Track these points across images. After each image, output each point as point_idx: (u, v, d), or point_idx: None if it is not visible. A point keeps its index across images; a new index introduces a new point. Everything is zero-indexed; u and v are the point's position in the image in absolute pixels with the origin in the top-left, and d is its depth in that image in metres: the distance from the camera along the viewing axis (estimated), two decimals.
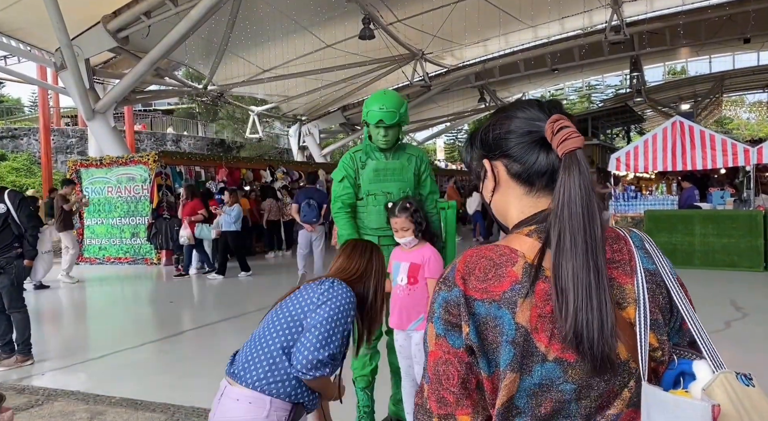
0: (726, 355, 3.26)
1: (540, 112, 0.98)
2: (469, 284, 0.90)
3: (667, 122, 9.86)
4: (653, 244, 0.97)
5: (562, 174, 0.89)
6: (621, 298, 0.88)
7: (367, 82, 18.90)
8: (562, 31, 18.33)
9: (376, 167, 3.15)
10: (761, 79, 26.63)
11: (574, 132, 0.91)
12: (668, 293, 0.91)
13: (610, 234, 0.95)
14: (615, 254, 0.92)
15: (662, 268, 0.93)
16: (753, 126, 40.60)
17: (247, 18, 13.14)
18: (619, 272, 0.90)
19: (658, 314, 0.89)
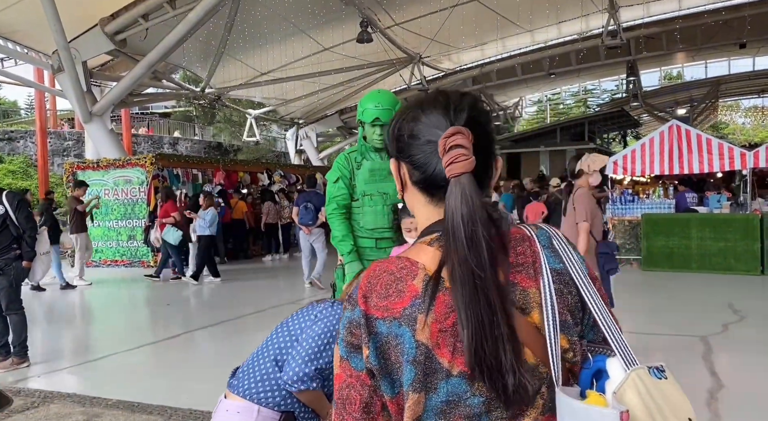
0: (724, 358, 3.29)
1: (443, 118, 0.91)
2: (370, 302, 0.87)
3: (664, 126, 9.90)
4: (563, 240, 0.93)
5: (447, 199, 0.86)
6: (524, 303, 0.86)
7: (364, 86, 18.91)
8: (560, 36, 18.41)
9: (371, 167, 3.14)
10: (756, 84, 26.75)
11: (464, 154, 0.85)
12: (578, 291, 0.88)
13: (515, 235, 0.91)
14: (518, 257, 0.89)
15: (570, 265, 0.89)
16: (748, 131, 40.78)
17: (245, 21, 13.15)
18: (523, 276, 0.87)
19: (567, 315, 0.87)
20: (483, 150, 0.91)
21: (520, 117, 33.20)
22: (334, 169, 3.20)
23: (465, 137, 0.86)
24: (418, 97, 0.98)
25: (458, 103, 0.92)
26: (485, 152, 0.92)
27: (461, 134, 0.86)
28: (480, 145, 0.89)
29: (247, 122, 21.03)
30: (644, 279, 8.84)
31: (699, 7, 15.67)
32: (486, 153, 0.93)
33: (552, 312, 0.84)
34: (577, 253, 0.93)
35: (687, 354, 4.90)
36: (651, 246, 9.35)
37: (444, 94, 0.94)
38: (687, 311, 6.64)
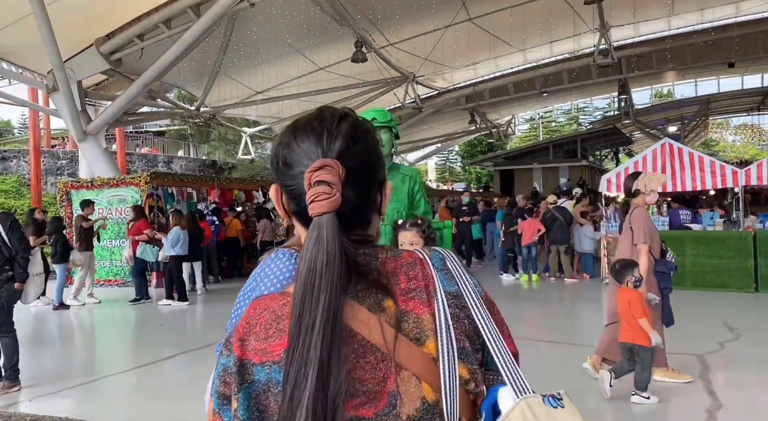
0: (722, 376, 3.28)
1: (315, 147, 0.85)
2: (248, 345, 0.80)
3: (656, 144, 9.98)
4: (456, 261, 0.88)
5: (305, 242, 0.80)
6: (418, 332, 0.79)
7: (359, 104, 19.02)
8: (551, 55, 18.64)
9: None
10: (745, 102, 27.15)
11: (326, 193, 0.79)
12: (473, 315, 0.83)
13: (407, 260, 0.85)
14: (411, 282, 0.83)
15: (464, 288, 0.85)
16: (739, 148, 41.26)
17: (241, 41, 13.25)
18: (416, 302, 0.81)
19: (465, 341, 0.81)
20: (362, 180, 0.86)
21: (513, 135, 33.43)
22: None
23: (332, 172, 0.80)
24: (297, 120, 0.92)
25: (332, 130, 0.86)
26: (365, 182, 0.87)
27: (328, 168, 0.80)
28: (358, 176, 0.84)
29: (242, 140, 21.07)
30: None
31: (688, 27, 15.93)
32: (366, 183, 0.87)
33: (447, 338, 0.79)
34: (470, 275, 0.88)
35: (684, 373, 4.88)
36: None
37: (320, 119, 0.88)
38: (683, 328, 6.61)
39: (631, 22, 15.00)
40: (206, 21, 10.33)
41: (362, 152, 0.87)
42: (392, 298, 0.81)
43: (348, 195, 0.83)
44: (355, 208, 0.86)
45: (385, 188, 0.93)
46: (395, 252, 0.88)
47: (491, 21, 14.47)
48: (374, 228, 0.94)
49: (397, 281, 0.83)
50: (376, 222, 0.94)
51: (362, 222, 0.89)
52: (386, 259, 0.86)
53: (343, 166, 0.82)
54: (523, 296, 9.40)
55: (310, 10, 12.15)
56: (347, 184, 0.83)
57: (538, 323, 7.52)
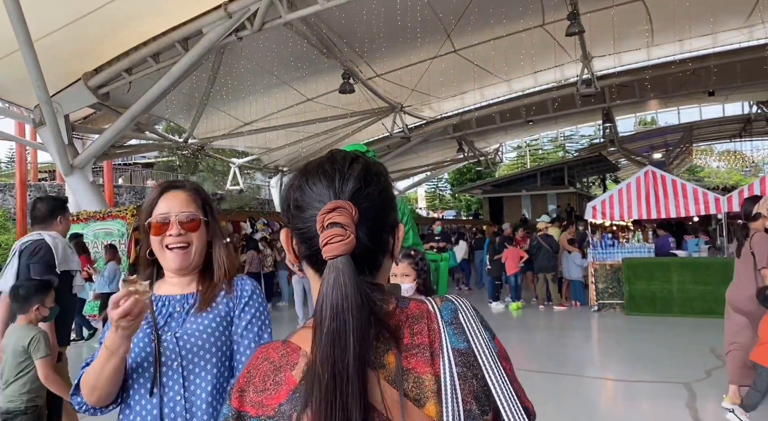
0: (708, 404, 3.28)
1: (327, 190, 0.84)
2: (246, 397, 0.79)
3: (640, 172, 10.13)
4: (470, 312, 0.84)
5: (321, 285, 0.78)
6: (419, 393, 0.75)
7: (347, 134, 19.19)
8: (536, 84, 18.97)
9: None
10: (728, 129, 27.64)
11: (340, 235, 0.77)
12: (483, 374, 0.78)
13: (414, 312, 0.82)
14: (414, 338, 0.79)
15: (476, 343, 0.80)
16: (723, 174, 41.87)
17: (228, 73, 13.38)
18: (417, 360, 0.77)
19: (472, 403, 0.76)
20: (374, 222, 0.84)
21: (500, 162, 33.74)
22: None
23: (345, 213, 0.79)
24: (308, 163, 0.91)
25: (344, 171, 0.85)
26: (378, 225, 0.85)
27: (341, 210, 0.79)
28: (370, 218, 0.83)
29: (231, 171, 21.10)
30: (627, 324, 8.84)
31: (668, 58, 16.30)
32: (378, 226, 0.85)
33: (453, 401, 0.74)
34: (485, 328, 0.83)
35: (671, 401, 4.86)
36: (633, 290, 9.39)
37: (331, 161, 0.87)
38: (670, 356, 6.62)
39: (613, 52, 15.33)
40: (194, 55, 10.45)
41: (375, 194, 0.86)
42: (394, 353, 0.77)
43: (361, 238, 0.81)
44: (367, 251, 0.83)
45: (398, 231, 0.91)
46: (403, 302, 0.84)
47: (476, 52, 14.75)
48: (385, 274, 0.90)
49: (401, 336, 0.79)
50: (387, 267, 0.91)
51: (373, 267, 0.86)
52: (391, 310, 0.82)
53: (356, 207, 0.81)
54: (512, 325, 9.36)
55: (297, 43, 12.32)
56: (360, 226, 0.81)
57: (528, 351, 7.48)
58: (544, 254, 10.49)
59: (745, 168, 40.56)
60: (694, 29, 13.93)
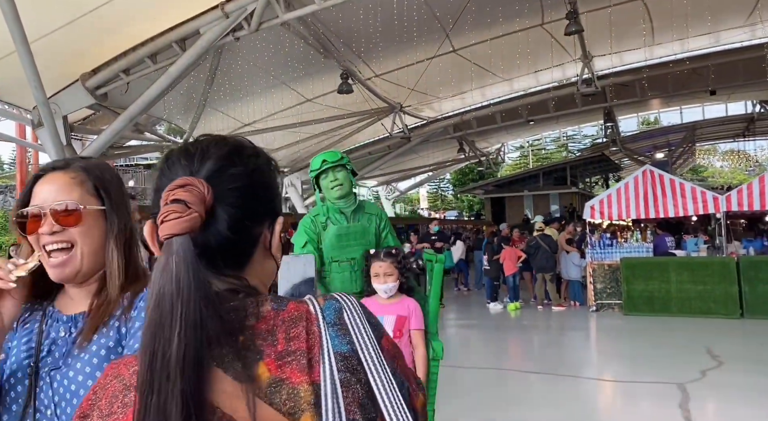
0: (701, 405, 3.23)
1: (183, 170, 0.76)
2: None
3: (638, 171, 10.07)
4: (356, 311, 0.76)
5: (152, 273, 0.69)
6: (292, 406, 0.66)
7: (347, 135, 19.18)
8: (537, 84, 18.91)
9: (338, 232, 3.00)
10: (731, 129, 27.51)
11: (178, 211, 0.68)
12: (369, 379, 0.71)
13: (291, 313, 0.73)
14: (290, 344, 0.70)
15: (361, 345, 0.72)
16: (727, 174, 41.68)
17: (226, 74, 13.38)
18: (293, 369, 0.68)
19: (357, 412, 0.67)
20: (238, 209, 0.75)
21: (503, 162, 33.68)
22: (300, 232, 3.03)
23: (193, 192, 0.71)
24: (175, 147, 0.84)
25: (206, 150, 0.77)
26: (243, 212, 0.76)
27: (189, 187, 0.71)
28: (232, 203, 0.75)
29: None
30: (625, 324, 8.78)
31: (669, 57, 16.23)
32: (244, 213, 0.76)
33: (334, 411, 0.66)
34: (373, 327, 0.76)
35: (664, 402, 4.82)
36: (631, 290, 9.34)
37: (196, 141, 0.80)
38: (666, 356, 6.57)
39: (613, 51, 15.28)
40: (191, 55, 10.44)
41: (241, 175, 0.77)
42: (266, 363, 0.68)
43: (218, 225, 0.73)
44: (227, 241, 0.74)
45: (276, 224, 0.82)
46: (279, 304, 0.75)
47: (475, 52, 14.71)
48: (258, 273, 0.80)
49: (275, 342, 0.70)
50: (259, 265, 0.80)
51: (236, 262, 0.77)
52: (265, 313, 0.73)
53: (213, 188, 0.73)
54: (510, 325, 9.32)
55: (295, 43, 12.32)
56: (218, 211, 0.73)
57: (525, 352, 7.45)
58: (543, 254, 10.44)
59: (749, 167, 40.38)
60: (695, 28, 13.86)
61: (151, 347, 0.64)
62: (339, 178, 2.98)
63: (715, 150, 38.17)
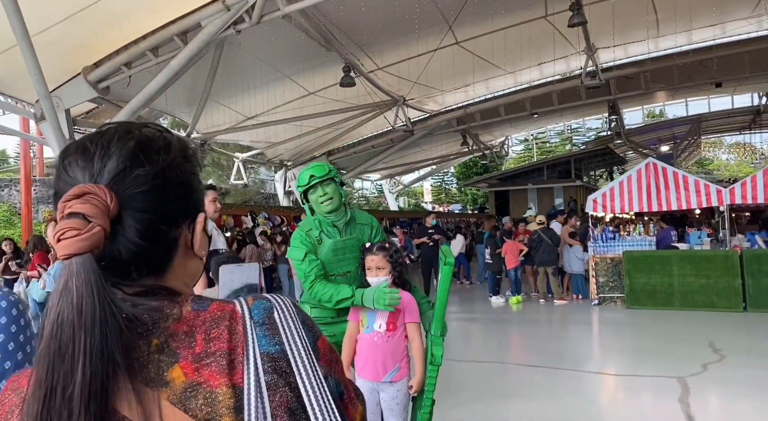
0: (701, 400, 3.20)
1: (82, 173, 0.69)
2: None
3: (641, 164, 10.01)
4: (289, 311, 0.72)
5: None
6: (210, 412, 0.61)
7: (350, 128, 19.15)
8: (541, 77, 18.82)
9: (334, 247, 2.93)
10: (737, 121, 27.30)
11: (76, 228, 0.62)
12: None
13: (213, 314, 0.68)
14: (210, 344, 0.65)
15: (291, 346, 0.68)
16: (733, 167, 41.41)
17: (229, 67, 13.36)
18: (211, 371, 0.63)
19: (284, 417, 0.63)
20: (151, 214, 0.69)
21: (506, 156, 33.57)
22: (296, 246, 2.93)
23: (93, 201, 0.64)
24: (72, 142, 0.74)
25: (108, 148, 0.69)
26: (156, 216, 0.70)
27: (88, 197, 0.64)
28: (143, 208, 0.69)
29: (235, 166, 21.13)
30: (627, 318, 8.75)
31: (674, 49, 16.10)
32: (158, 217, 0.70)
33: (257, 417, 0.62)
34: (308, 328, 0.72)
35: (664, 396, 4.80)
36: (633, 284, 9.30)
37: (96, 135, 0.72)
38: (667, 350, 6.55)
39: (617, 44, 15.16)
40: (193, 48, 10.43)
41: (149, 175, 0.70)
42: (181, 366, 0.63)
43: (127, 234, 0.67)
44: (140, 251, 0.68)
45: (197, 222, 0.76)
46: (200, 304, 0.70)
47: (478, 44, 14.63)
48: (179, 276, 0.75)
49: (192, 344, 0.65)
50: (180, 268, 0.75)
51: (153, 270, 0.71)
52: (184, 314, 0.68)
53: (117, 193, 0.66)
54: (512, 319, 9.31)
55: (296, 36, 12.27)
56: (126, 219, 0.67)
57: (527, 346, 7.43)
58: (545, 247, 10.40)
59: (755, 160, 40.11)
60: (700, 19, 13.73)
61: (48, 382, 0.58)
62: (328, 192, 2.89)
63: (721, 143, 37.91)
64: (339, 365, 0.74)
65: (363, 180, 34.44)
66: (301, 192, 2.97)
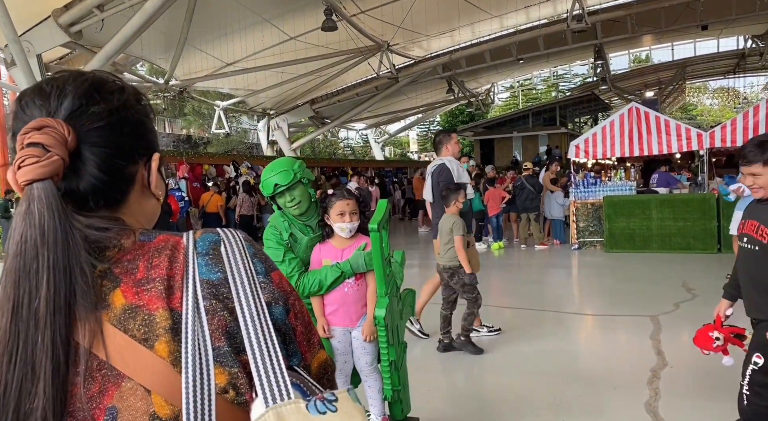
0: (671, 336, 3.30)
1: (40, 111, 0.72)
2: None
3: (623, 109, 9.99)
4: (239, 244, 0.74)
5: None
6: (147, 331, 0.65)
7: (333, 75, 18.79)
8: (527, 21, 18.45)
9: (310, 244, 2.88)
10: (722, 65, 27.20)
11: (36, 155, 0.66)
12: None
13: (158, 244, 0.72)
14: (151, 271, 0.68)
15: (235, 274, 0.70)
16: (716, 112, 41.54)
17: (206, 10, 12.90)
18: (151, 295, 0.67)
19: (222, 340, 0.66)
20: (106, 148, 0.73)
21: (492, 103, 33.30)
22: (272, 247, 2.80)
23: (51, 133, 0.67)
24: (29, 87, 0.77)
25: (63, 88, 0.73)
26: (111, 151, 0.74)
27: (47, 129, 0.67)
28: (99, 143, 0.72)
29: (215, 114, 20.76)
30: (606, 261, 8.95)
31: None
32: (113, 152, 0.74)
33: (195, 337, 0.65)
34: (258, 261, 0.74)
35: (637, 334, 4.97)
36: (613, 228, 9.46)
37: (52, 79, 0.75)
38: (642, 291, 6.74)
39: None
40: None
41: (105, 113, 0.74)
42: (122, 290, 0.67)
43: (87, 167, 0.71)
44: (99, 183, 0.72)
45: (152, 161, 0.80)
46: (147, 236, 0.74)
47: None
48: (135, 212, 0.78)
49: (134, 270, 0.69)
50: (136, 204, 0.79)
51: (110, 202, 0.75)
52: (130, 244, 0.72)
53: (74, 128, 0.70)
54: (493, 264, 9.47)
55: None
56: (85, 153, 0.71)
57: (509, 290, 7.60)
58: (528, 194, 10.48)
59: (738, 105, 40.23)
60: None
61: (14, 296, 0.63)
62: (296, 197, 2.77)
63: (705, 88, 37.85)
64: (297, 300, 0.77)
65: (348, 129, 34.05)
66: (267, 196, 2.85)
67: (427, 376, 4.24)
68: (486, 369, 4.48)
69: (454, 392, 4.15)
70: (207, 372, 0.64)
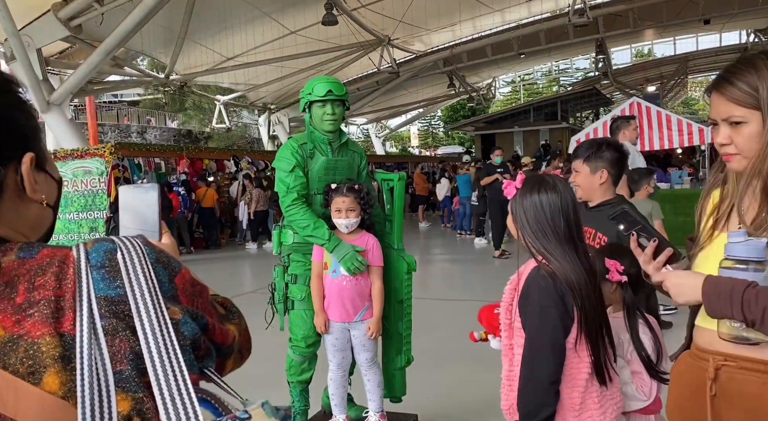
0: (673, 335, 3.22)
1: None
2: None
3: (625, 103, 9.98)
4: (138, 251, 0.66)
5: None
6: (32, 364, 0.57)
7: (334, 70, 18.74)
8: (529, 15, 18.39)
9: (327, 165, 2.84)
10: (724, 60, 27.04)
11: None
12: None
13: (41, 261, 0.63)
14: (34, 293, 0.61)
15: (135, 288, 0.63)
16: None
17: (206, 4, 12.87)
18: (34, 321, 0.59)
19: (125, 363, 0.59)
20: None
21: (493, 98, 33.23)
22: (285, 156, 2.81)
23: None
24: None
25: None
26: None
27: None
28: None
29: (216, 109, 20.73)
30: None
31: None
32: None
33: (93, 363, 0.58)
34: (162, 267, 0.68)
35: None
36: None
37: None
38: None
39: None
40: None
41: None
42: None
43: None
44: None
45: (22, 163, 0.69)
46: (27, 251, 0.65)
47: None
48: (10, 221, 0.69)
49: (13, 295, 0.61)
50: (12, 212, 0.69)
51: None
52: (6, 264, 0.63)
53: None
54: (495, 260, 9.46)
55: None
56: None
57: None
58: None
59: None
60: None
61: None
62: (337, 113, 2.79)
63: (708, 83, 37.73)
64: (202, 298, 0.71)
65: (349, 124, 34.02)
66: (307, 101, 2.83)
67: (426, 372, 4.24)
68: (488, 365, 4.48)
69: (454, 388, 4.15)
70: (108, 400, 0.58)
